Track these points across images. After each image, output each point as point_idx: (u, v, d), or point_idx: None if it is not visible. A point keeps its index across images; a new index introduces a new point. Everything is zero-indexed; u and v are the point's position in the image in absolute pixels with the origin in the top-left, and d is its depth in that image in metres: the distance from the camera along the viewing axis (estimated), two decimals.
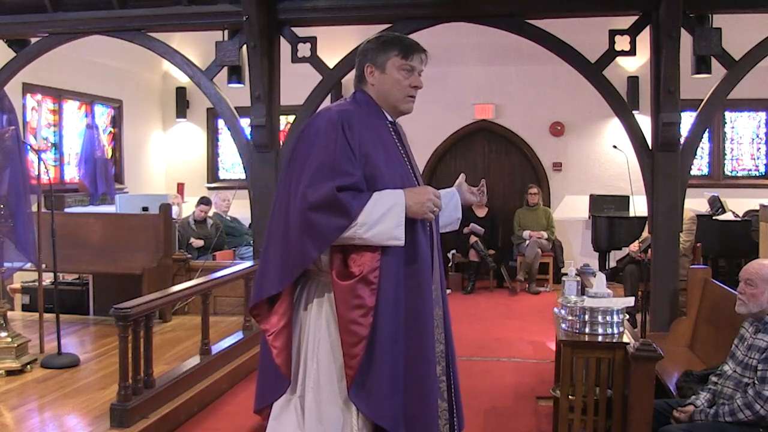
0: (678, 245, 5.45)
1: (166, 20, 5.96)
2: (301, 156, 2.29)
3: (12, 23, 6.11)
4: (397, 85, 2.45)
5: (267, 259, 2.36)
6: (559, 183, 9.58)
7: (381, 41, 2.46)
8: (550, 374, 4.81)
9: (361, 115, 2.37)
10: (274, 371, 2.34)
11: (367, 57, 2.45)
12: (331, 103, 2.47)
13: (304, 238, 2.20)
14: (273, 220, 2.37)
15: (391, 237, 2.24)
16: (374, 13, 5.76)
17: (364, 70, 2.45)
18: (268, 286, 2.33)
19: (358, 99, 2.46)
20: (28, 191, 5.06)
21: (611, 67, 5.60)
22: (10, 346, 4.76)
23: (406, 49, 2.44)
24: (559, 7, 5.68)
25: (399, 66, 2.43)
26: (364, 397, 2.24)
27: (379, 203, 2.24)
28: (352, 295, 2.21)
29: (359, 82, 2.49)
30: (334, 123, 2.29)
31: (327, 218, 2.19)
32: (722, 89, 5.33)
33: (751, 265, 3.24)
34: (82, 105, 8.97)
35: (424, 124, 9.66)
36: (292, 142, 2.39)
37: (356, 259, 2.25)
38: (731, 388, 3.10)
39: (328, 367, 2.30)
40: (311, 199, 2.19)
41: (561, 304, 3.62)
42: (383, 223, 2.23)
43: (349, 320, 2.22)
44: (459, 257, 8.99)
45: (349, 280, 2.22)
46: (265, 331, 2.36)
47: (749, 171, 9.42)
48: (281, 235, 2.29)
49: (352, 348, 2.22)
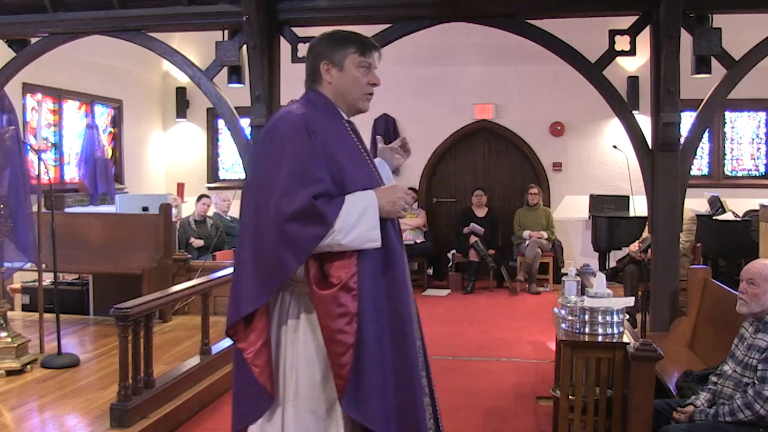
0: (678, 245, 5.45)
1: (166, 20, 5.96)
2: (267, 163, 2.21)
3: (12, 23, 6.10)
4: (356, 83, 2.37)
5: (240, 275, 2.26)
6: (559, 183, 9.58)
7: (335, 38, 2.37)
8: (550, 374, 4.81)
9: (319, 116, 2.30)
10: (254, 390, 2.26)
11: (322, 55, 2.36)
12: (289, 106, 2.37)
13: (283, 251, 2.12)
14: (242, 233, 2.28)
15: (368, 240, 2.19)
16: (374, 13, 5.76)
17: (319, 69, 2.36)
18: (246, 304, 2.23)
19: (312, 100, 2.37)
20: (28, 191, 5.06)
21: (611, 67, 5.60)
22: (10, 346, 4.76)
23: (363, 46, 2.36)
24: (559, 7, 5.68)
25: (357, 63, 2.35)
26: (357, 405, 2.20)
27: (353, 207, 2.18)
28: (334, 303, 2.16)
29: (313, 81, 2.39)
30: (298, 127, 2.21)
31: (304, 228, 2.12)
32: (722, 89, 5.33)
33: (753, 264, 3.24)
34: (82, 105, 8.96)
35: (424, 124, 9.69)
36: (255, 147, 2.29)
37: (334, 266, 2.19)
38: (731, 388, 3.10)
39: (308, 378, 2.25)
40: (287, 210, 2.11)
41: (561, 304, 3.62)
42: (360, 227, 2.17)
43: (334, 330, 2.16)
44: (459, 257, 8.99)
45: (330, 289, 2.16)
46: (242, 350, 2.26)
47: (749, 171, 9.42)
48: (254, 249, 2.20)
49: (340, 357, 2.17)
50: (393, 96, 9.63)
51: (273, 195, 2.14)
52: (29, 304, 6.66)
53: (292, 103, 2.39)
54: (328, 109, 2.36)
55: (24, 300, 6.82)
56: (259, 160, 2.26)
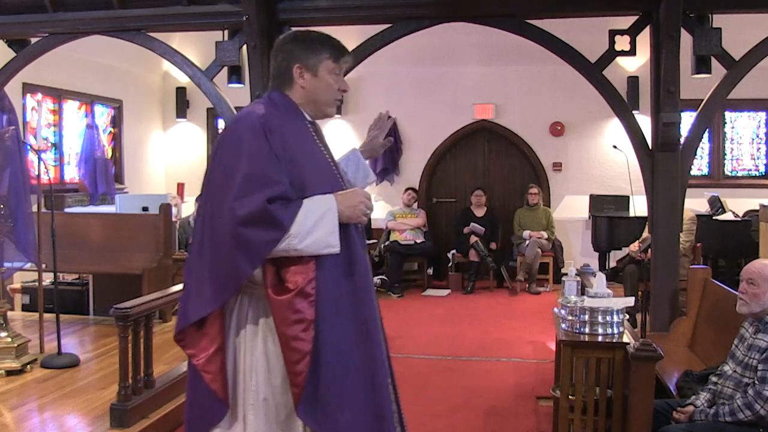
0: (678, 245, 5.45)
1: (166, 20, 5.96)
2: (223, 165, 2.16)
3: (12, 23, 6.10)
4: (329, 90, 2.32)
5: (192, 279, 2.21)
6: (559, 183, 9.57)
7: (309, 41, 2.31)
8: (550, 374, 4.80)
9: (280, 117, 2.24)
10: (207, 398, 2.20)
11: (296, 57, 2.28)
12: (249, 107, 2.31)
13: (237, 255, 2.08)
14: (196, 236, 2.23)
15: (326, 245, 2.14)
16: (374, 13, 5.76)
17: (292, 72, 2.28)
18: (197, 308, 2.18)
19: (274, 100, 2.31)
20: (28, 191, 5.06)
21: (611, 67, 5.60)
22: (10, 346, 4.76)
23: (337, 52, 2.32)
24: (559, 7, 5.68)
25: (331, 70, 2.31)
26: (313, 415, 2.15)
27: (310, 211, 2.12)
28: (290, 310, 2.10)
29: (282, 83, 2.32)
30: (256, 129, 2.15)
31: (259, 232, 2.06)
32: (722, 89, 5.32)
33: (753, 264, 3.24)
34: (82, 105, 8.96)
35: (424, 124, 9.69)
36: (213, 147, 2.22)
37: (290, 271, 2.13)
38: (731, 388, 3.10)
39: (268, 384, 2.20)
40: (241, 214, 2.05)
41: (561, 304, 3.62)
42: (317, 232, 2.12)
43: (290, 337, 2.10)
44: (459, 257, 8.98)
45: (285, 295, 2.11)
46: (192, 356, 2.20)
47: (749, 171, 9.42)
48: (209, 252, 2.16)
49: (295, 365, 2.11)
50: (393, 96, 9.64)
51: (228, 197, 2.08)
52: (29, 304, 6.66)
53: (255, 102, 2.34)
54: (291, 111, 2.30)
55: (24, 300, 6.82)
56: (216, 161, 2.20)
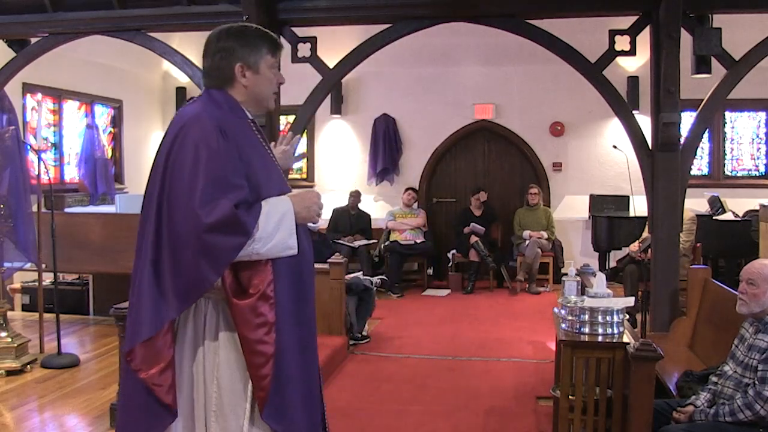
0: (678, 245, 5.45)
1: (166, 20, 5.96)
2: (182, 170, 2.06)
3: (12, 23, 6.10)
4: (269, 85, 2.31)
5: (144, 290, 2.10)
6: (559, 183, 9.57)
7: (248, 37, 2.26)
8: (550, 374, 4.80)
9: (228, 118, 2.20)
10: (154, 408, 2.10)
11: (237, 56, 2.24)
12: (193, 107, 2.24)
13: (202, 263, 2.02)
14: (143, 246, 2.14)
15: (286, 248, 2.13)
16: (374, 13, 5.76)
17: (233, 71, 2.24)
18: (154, 321, 2.08)
19: (216, 99, 2.25)
20: (28, 191, 5.07)
21: (611, 67, 5.60)
22: (10, 346, 4.76)
23: (274, 46, 2.30)
24: (559, 7, 5.68)
25: (270, 65, 2.29)
26: (277, 417, 2.15)
27: (270, 215, 2.10)
28: (253, 314, 2.08)
29: (222, 82, 2.26)
30: (212, 131, 2.10)
31: (225, 239, 2.02)
32: (722, 89, 5.33)
33: (753, 264, 3.24)
34: (82, 105, 8.96)
35: (424, 124, 9.69)
36: (164, 148, 2.14)
37: (250, 275, 2.11)
38: (731, 388, 3.10)
39: (231, 389, 2.16)
40: (208, 220, 2.00)
41: (561, 304, 3.62)
42: (278, 235, 2.10)
43: (253, 341, 2.08)
44: (459, 257, 8.98)
45: (248, 299, 2.09)
46: (139, 370, 2.09)
47: (749, 171, 9.42)
48: (167, 262, 2.07)
49: (260, 369, 2.09)
50: (393, 96, 9.65)
51: (192, 204, 2.01)
52: (29, 304, 6.66)
53: (192, 103, 2.29)
54: (234, 110, 2.26)
55: (24, 300, 6.82)
56: (172, 167, 2.09)
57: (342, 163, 9.98)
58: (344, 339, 5.87)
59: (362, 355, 5.87)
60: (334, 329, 5.86)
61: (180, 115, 2.23)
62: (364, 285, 6.30)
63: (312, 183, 10.02)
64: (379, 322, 6.93)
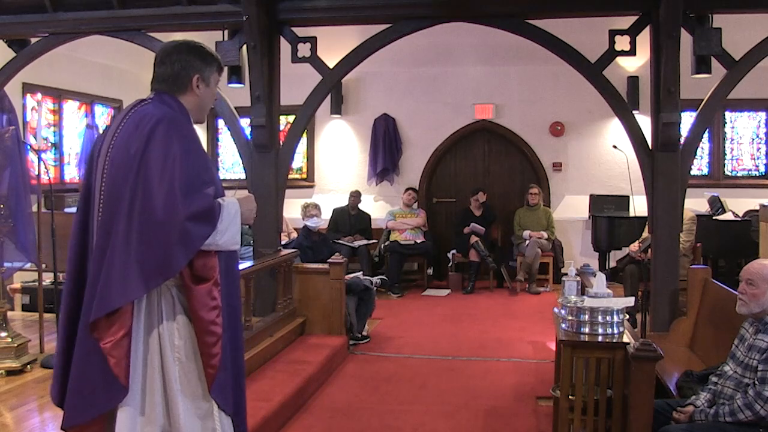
0: (678, 245, 5.45)
1: (166, 20, 5.96)
2: (162, 162, 2.25)
3: (12, 23, 6.10)
4: (212, 99, 2.60)
5: (115, 267, 2.24)
6: (559, 183, 9.57)
7: (204, 53, 2.52)
8: (550, 374, 4.80)
9: (185, 120, 2.45)
10: (104, 382, 2.25)
11: (196, 68, 2.48)
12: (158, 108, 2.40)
13: (176, 249, 2.23)
14: (117, 229, 2.26)
15: (234, 242, 2.42)
16: (374, 13, 5.76)
17: (191, 80, 2.47)
18: (122, 295, 2.24)
19: (170, 103, 2.45)
20: (28, 191, 5.06)
21: (611, 67, 5.60)
22: (10, 346, 4.75)
23: (221, 66, 2.60)
24: (559, 7, 5.69)
25: (217, 81, 2.58)
26: (222, 392, 2.38)
27: (227, 211, 2.37)
28: (209, 297, 2.33)
29: (177, 88, 2.47)
30: (191, 130, 2.40)
31: (200, 227, 2.28)
32: (722, 89, 5.33)
33: (752, 265, 3.24)
34: (82, 105, 8.96)
35: (424, 124, 9.69)
36: (137, 146, 2.28)
37: (204, 263, 2.34)
38: (731, 388, 3.10)
39: (194, 368, 2.36)
40: (191, 210, 2.25)
41: (561, 304, 3.62)
42: (230, 230, 2.38)
43: (208, 321, 2.33)
44: (459, 257, 8.98)
45: (205, 284, 2.33)
46: (98, 339, 2.25)
47: (749, 171, 9.42)
48: (136, 243, 2.23)
49: (211, 348, 2.33)
50: (393, 96, 9.65)
51: (173, 194, 2.23)
52: (29, 304, 6.66)
53: (147, 103, 2.45)
54: (185, 115, 2.48)
55: (24, 300, 6.82)
56: (144, 163, 2.26)
57: (342, 163, 9.99)
58: (344, 339, 5.87)
59: (362, 355, 5.87)
60: (334, 329, 5.87)
61: (142, 113, 2.39)
62: (364, 285, 6.30)
63: (312, 183, 10.03)
64: (379, 322, 6.93)
